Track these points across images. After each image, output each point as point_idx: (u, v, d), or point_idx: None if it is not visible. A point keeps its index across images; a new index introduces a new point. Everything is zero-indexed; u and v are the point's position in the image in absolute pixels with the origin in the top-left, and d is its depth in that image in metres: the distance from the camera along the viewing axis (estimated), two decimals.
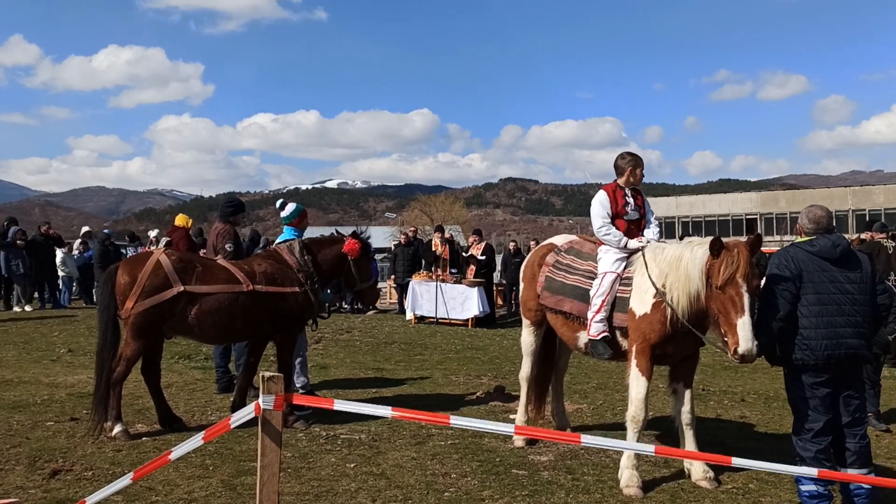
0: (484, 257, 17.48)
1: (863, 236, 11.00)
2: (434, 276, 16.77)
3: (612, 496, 5.36)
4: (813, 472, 2.42)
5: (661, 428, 7.01)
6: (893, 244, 10.29)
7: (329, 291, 8.04)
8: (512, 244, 20.65)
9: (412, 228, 20.90)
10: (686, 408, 5.87)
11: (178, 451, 3.45)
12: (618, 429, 7.16)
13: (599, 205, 6.15)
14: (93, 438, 6.41)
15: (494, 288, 18.95)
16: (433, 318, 16.48)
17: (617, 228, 6.07)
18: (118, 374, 6.54)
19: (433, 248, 17.51)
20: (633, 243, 5.99)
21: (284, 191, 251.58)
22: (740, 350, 4.82)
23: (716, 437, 6.97)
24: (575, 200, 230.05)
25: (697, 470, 5.68)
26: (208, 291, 6.64)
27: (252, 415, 3.43)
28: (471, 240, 18.60)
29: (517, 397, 8.35)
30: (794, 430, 5.08)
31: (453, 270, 17.08)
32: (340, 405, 3.46)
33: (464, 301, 16.38)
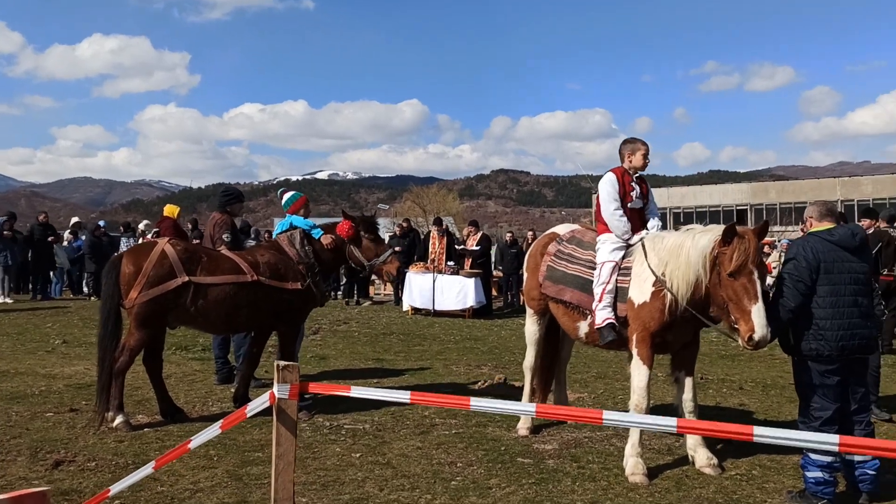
0: (479, 247, 17.46)
1: (863, 225, 10.94)
2: (431, 267, 16.76)
3: (619, 483, 5.38)
4: (834, 440, 2.42)
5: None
6: None
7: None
8: (508, 235, 20.61)
9: (405, 220, 20.83)
10: (688, 396, 5.88)
11: (196, 441, 3.44)
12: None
13: (610, 185, 6.07)
14: (94, 429, 6.38)
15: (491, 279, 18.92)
16: (429, 309, 16.47)
17: None
18: (121, 364, 6.51)
19: (431, 246, 17.45)
20: (635, 238, 6.00)
21: (275, 182, 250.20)
22: (756, 336, 4.82)
23: None
24: (566, 192, 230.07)
25: (701, 457, 5.70)
26: (213, 282, 6.62)
27: (266, 404, 3.41)
28: (466, 231, 18.57)
29: (519, 388, 8.38)
30: (802, 418, 5.10)
31: (450, 263, 17.09)
32: (358, 392, 3.45)
33: (460, 292, 16.36)
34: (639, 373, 5.63)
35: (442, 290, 16.45)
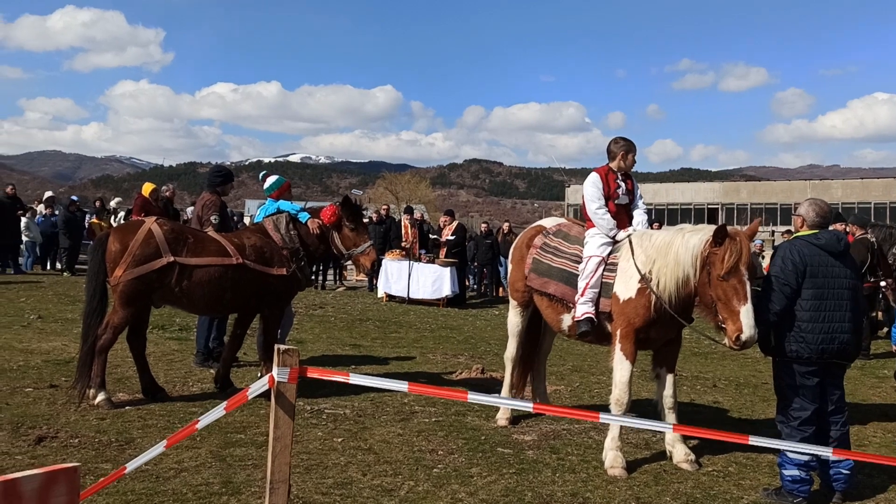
0: (454, 237, 17.53)
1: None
2: (405, 255, 16.82)
3: (598, 476, 5.48)
4: (827, 451, 2.51)
5: (641, 411, 7.15)
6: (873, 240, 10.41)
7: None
8: (483, 225, 20.71)
9: (385, 206, 20.83)
10: (668, 392, 6.01)
11: (204, 421, 3.47)
12: (596, 411, 7.29)
13: (593, 186, 6.20)
14: (75, 406, 6.36)
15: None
16: (404, 296, 16.51)
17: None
18: (104, 341, 6.48)
19: (403, 237, 17.50)
20: (622, 234, 6.08)
21: (246, 163, 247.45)
22: (744, 337, 4.93)
23: (692, 421, 7.11)
24: (539, 184, 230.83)
25: (679, 452, 5.82)
26: (198, 263, 6.61)
27: (266, 387, 3.45)
28: (442, 220, 18.63)
29: (497, 378, 8.46)
30: (780, 417, 5.22)
31: (423, 251, 17.15)
32: (357, 379, 3.49)
33: (436, 281, 16.42)
34: (621, 368, 5.73)
35: (417, 278, 16.50)
